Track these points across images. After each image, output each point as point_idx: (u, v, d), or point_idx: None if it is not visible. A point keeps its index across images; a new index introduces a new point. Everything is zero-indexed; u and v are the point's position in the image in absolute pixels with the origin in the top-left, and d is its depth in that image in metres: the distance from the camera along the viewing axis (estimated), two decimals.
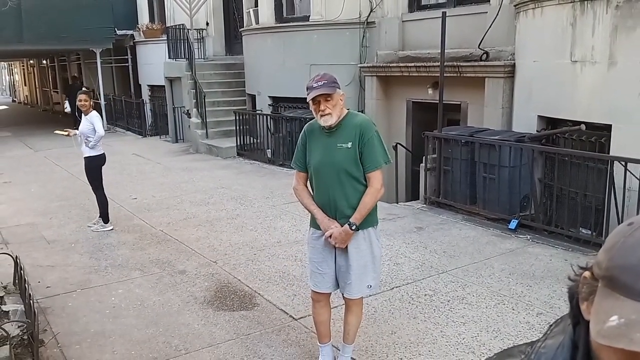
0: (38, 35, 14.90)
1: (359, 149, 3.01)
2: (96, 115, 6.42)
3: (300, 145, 3.21)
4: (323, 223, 3.07)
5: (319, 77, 3.01)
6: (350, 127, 3.04)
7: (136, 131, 15.81)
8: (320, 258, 3.16)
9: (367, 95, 9.68)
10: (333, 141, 3.05)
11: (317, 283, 3.21)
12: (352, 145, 3.00)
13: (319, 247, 3.16)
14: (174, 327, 4.06)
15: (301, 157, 3.19)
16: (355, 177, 3.04)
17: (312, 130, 3.17)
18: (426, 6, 8.97)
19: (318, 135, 3.12)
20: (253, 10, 11.81)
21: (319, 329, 3.36)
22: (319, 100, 2.97)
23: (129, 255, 5.65)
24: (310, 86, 2.99)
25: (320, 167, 3.08)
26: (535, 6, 6.61)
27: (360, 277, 3.11)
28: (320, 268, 3.17)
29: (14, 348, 3.45)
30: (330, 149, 3.04)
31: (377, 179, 3.04)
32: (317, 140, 3.12)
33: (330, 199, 3.07)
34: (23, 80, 34.28)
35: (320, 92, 2.95)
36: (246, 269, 5.16)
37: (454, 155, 6.75)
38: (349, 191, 3.05)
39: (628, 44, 5.39)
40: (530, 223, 6.00)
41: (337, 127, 3.05)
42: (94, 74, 17.74)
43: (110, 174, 9.28)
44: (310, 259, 3.25)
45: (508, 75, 7.29)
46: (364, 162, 3.02)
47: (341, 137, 3.03)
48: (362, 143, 3.00)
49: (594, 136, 5.81)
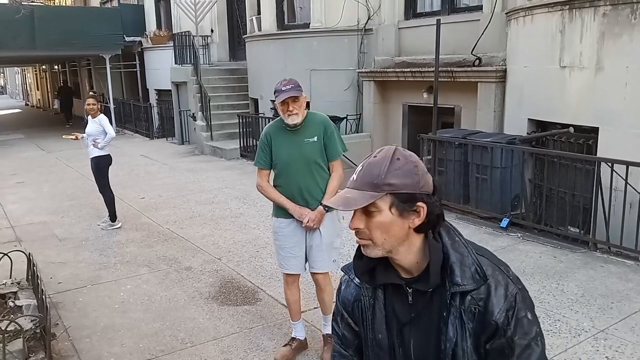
0: (50, 41, 14.90)
1: (324, 142, 3.30)
2: (104, 118, 6.43)
3: (263, 145, 3.38)
4: (295, 211, 3.28)
5: (285, 81, 3.24)
6: (314, 124, 3.31)
7: (144, 133, 15.80)
8: (293, 243, 3.36)
9: (365, 99, 9.68)
10: (299, 137, 3.28)
11: (291, 266, 3.41)
12: (317, 139, 3.28)
13: (290, 234, 3.36)
14: (180, 321, 4.07)
15: (265, 156, 3.37)
16: (322, 166, 3.33)
17: (274, 130, 3.36)
18: (421, 14, 8.97)
19: (282, 133, 3.33)
20: (256, 18, 11.81)
21: (292, 308, 3.56)
22: (288, 102, 3.19)
23: (137, 252, 5.65)
24: (279, 89, 3.20)
25: (291, 160, 3.29)
26: (525, 14, 6.61)
27: (328, 253, 3.37)
28: (293, 252, 3.38)
29: (27, 341, 3.45)
30: (298, 143, 3.27)
31: (339, 166, 3.37)
32: (282, 138, 3.32)
33: (302, 188, 3.29)
34: (36, 85, 34.29)
35: (290, 94, 3.17)
36: (249, 266, 5.16)
37: (448, 156, 6.75)
38: (319, 179, 3.32)
39: (615, 50, 5.40)
40: (520, 222, 6.00)
41: (302, 124, 3.28)
42: (103, 79, 17.76)
43: (119, 175, 9.31)
44: (280, 246, 3.42)
45: (500, 80, 7.30)
46: (328, 152, 3.32)
47: (307, 133, 3.29)
48: (326, 136, 3.30)
49: (581, 138, 5.81)
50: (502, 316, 1.23)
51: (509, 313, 1.23)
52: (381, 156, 1.27)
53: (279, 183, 3.37)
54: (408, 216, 1.25)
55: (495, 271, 1.27)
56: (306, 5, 10.44)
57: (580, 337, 3.64)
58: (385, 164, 1.24)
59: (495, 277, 1.26)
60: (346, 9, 9.60)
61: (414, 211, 1.25)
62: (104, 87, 17.99)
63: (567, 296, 4.27)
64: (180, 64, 13.49)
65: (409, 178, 1.24)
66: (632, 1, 5.19)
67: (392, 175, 1.23)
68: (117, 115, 17.18)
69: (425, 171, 1.28)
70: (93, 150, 6.36)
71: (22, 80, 41.79)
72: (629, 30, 5.24)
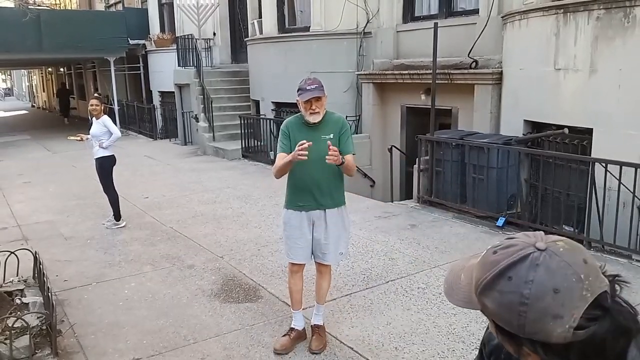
0: (56, 44, 14.89)
1: (339, 138, 3.37)
2: (108, 119, 6.42)
3: (284, 134, 3.43)
4: (294, 154, 3.14)
5: (310, 81, 3.31)
6: (332, 122, 3.41)
7: (147, 134, 15.79)
8: (299, 234, 3.43)
9: (364, 100, 9.67)
10: (318, 133, 3.35)
11: (297, 255, 3.47)
12: (333, 136, 3.36)
13: (298, 225, 3.42)
14: (183, 318, 4.06)
15: (285, 140, 3.40)
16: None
17: (293, 124, 3.44)
18: (419, 17, 8.97)
19: (300, 128, 3.40)
20: (257, 21, 11.81)
21: (294, 297, 3.61)
22: (311, 101, 3.27)
23: (141, 251, 5.64)
24: (304, 88, 3.28)
25: (307, 154, 3.27)
26: (521, 17, 6.61)
27: (335, 246, 3.45)
28: (299, 242, 3.44)
29: (34, 337, 3.45)
30: (315, 139, 3.29)
31: (351, 160, 3.42)
32: (300, 133, 3.37)
33: (315, 182, 3.36)
34: (42, 87, 34.27)
35: (314, 95, 3.25)
36: (251, 264, 5.15)
37: (445, 157, 6.75)
38: (331, 175, 3.39)
39: (608, 53, 5.40)
40: (516, 221, 6.00)
41: (321, 122, 3.36)
42: (108, 81, 17.74)
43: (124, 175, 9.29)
44: (288, 237, 3.49)
45: (496, 82, 7.30)
46: (342, 148, 3.36)
47: (325, 130, 3.37)
48: (342, 134, 3.39)
49: (576, 139, 5.81)
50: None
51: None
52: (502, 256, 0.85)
53: (294, 175, 3.43)
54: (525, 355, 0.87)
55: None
56: (306, 9, 10.43)
57: None
58: (491, 271, 0.85)
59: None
60: (345, 13, 9.60)
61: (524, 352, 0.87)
62: (108, 89, 17.98)
63: None
64: (183, 66, 13.48)
65: (507, 311, 0.83)
66: (625, 5, 5.19)
67: (487, 298, 0.85)
68: (121, 116, 17.18)
69: (554, 314, 0.79)
70: (98, 150, 6.34)
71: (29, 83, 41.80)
72: (621, 34, 5.24)
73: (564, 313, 0.78)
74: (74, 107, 25.30)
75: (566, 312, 0.78)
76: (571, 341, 0.79)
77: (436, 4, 8.69)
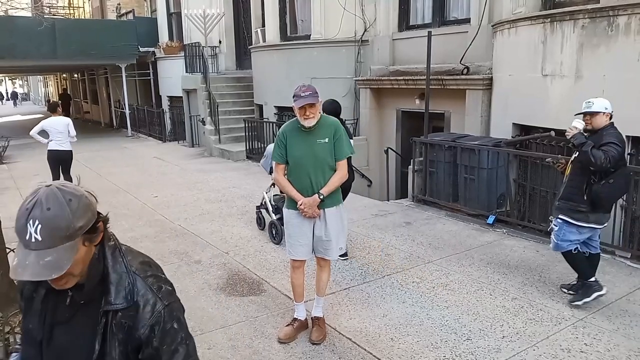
0: (70, 51, 14.91)
1: (333, 143, 3.37)
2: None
3: (280, 142, 3.44)
4: (298, 197, 3.36)
5: (304, 88, 3.30)
6: (326, 127, 3.38)
7: (157, 137, 15.79)
8: (299, 232, 3.45)
9: (361, 105, 9.68)
10: (313, 138, 3.35)
11: (298, 252, 3.49)
12: (328, 140, 3.35)
13: (298, 224, 3.43)
14: (190, 311, 4.06)
15: (281, 151, 3.43)
16: (331, 165, 3.40)
17: (290, 129, 3.44)
18: (414, 26, 8.98)
19: (296, 132, 3.39)
20: (260, 30, 11.82)
21: (297, 290, 3.65)
22: (305, 107, 3.25)
23: (151, 247, 5.64)
24: (299, 95, 3.27)
25: (303, 157, 3.37)
26: (510, 26, 6.62)
27: (336, 242, 3.47)
28: (300, 240, 3.46)
29: None
30: (311, 143, 3.34)
31: (343, 166, 3.43)
32: (296, 138, 3.38)
33: (312, 182, 3.36)
34: (56, 92, 34.27)
35: (307, 101, 3.24)
36: (254, 259, 5.16)
37: (439, 158, 6.75)
38: (327, 176, 3.39)
39: (593, 60, 5.40)
40: (505, 218, 6.01)
41: (315, 126, 3.33)
42: (120, 87, 17.76)
43: (135, 175, 9.30)
44: (290, 235, 3.51)
45: (486, 87, 7.30)
46: (335, 153, 3.38)
47: (319, 135, 3.36)
48: (336, 138, 3.38)
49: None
50: (146, 331, 1.29)
51: (155, 327, 1.30)
52: (52, 205, 1.16)
53: (291, 178, 3.45)
54: (95, 239, 1.28)
55: (147, 291, 1.32)
56: (307, 18, 10.44)
57: (560, 325, 3.65)
58: (66, 211, 1.17)
59: (145, 297, 1.32)
60: (344, 22, 9.61)
61: (98, 231, 1.28)
62: (120, 94, 17.99)
63: (548, 287, 4.27)
64: (191, 72, 13.50)
65: (89, 211, 1.23)
66: (608, 15, 5.19)
67: (78, 218, 1.19)
68: (132, 120, 17.19)
69: (84, 190, 1.26)
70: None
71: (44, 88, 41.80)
72: (605, 41, 5.25)
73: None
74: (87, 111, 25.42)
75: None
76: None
77: (430, 13, 8.69)
